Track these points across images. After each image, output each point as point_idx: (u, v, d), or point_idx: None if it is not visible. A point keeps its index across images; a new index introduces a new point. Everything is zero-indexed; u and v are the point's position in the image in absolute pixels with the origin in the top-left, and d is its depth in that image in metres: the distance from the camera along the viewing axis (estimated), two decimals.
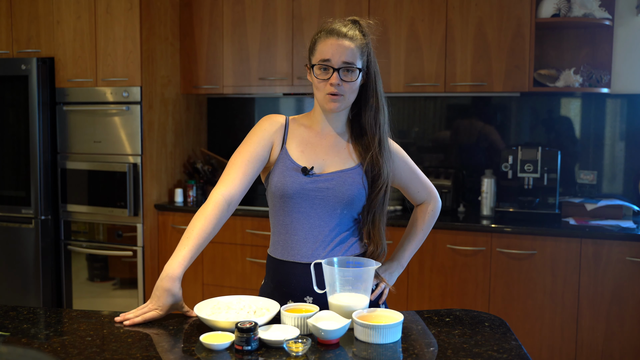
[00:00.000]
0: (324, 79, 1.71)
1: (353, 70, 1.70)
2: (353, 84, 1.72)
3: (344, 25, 1.74)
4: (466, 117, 3.82)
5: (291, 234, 1.75)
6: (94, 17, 3.81)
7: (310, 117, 1.83)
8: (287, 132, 1.79)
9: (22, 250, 3.93)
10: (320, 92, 1.73)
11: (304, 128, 1.81)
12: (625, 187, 3.55)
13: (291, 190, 1.73)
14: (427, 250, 3.32)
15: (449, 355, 1.41)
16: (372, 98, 1.77)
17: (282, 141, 1.78)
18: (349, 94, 1.72)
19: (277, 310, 1.58)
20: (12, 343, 1.50)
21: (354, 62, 1.70)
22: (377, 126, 1.77)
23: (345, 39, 1.70)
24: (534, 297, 3.18)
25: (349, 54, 1.70)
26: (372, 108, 1.77)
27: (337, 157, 1.78)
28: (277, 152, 1.77)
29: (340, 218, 1.76)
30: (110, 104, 3.82)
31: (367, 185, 1.77)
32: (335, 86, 1.69)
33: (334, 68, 1.69)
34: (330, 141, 1.80)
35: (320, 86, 1.72)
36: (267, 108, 4.27)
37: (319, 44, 1.72)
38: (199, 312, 1.56)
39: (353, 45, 1.71)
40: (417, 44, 3.54)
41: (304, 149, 1.78)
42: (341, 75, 1.70)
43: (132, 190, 3.78)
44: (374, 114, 1.77)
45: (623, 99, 3.54)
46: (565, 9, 3.35)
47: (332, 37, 1.71)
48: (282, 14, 3.79)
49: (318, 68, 1.71)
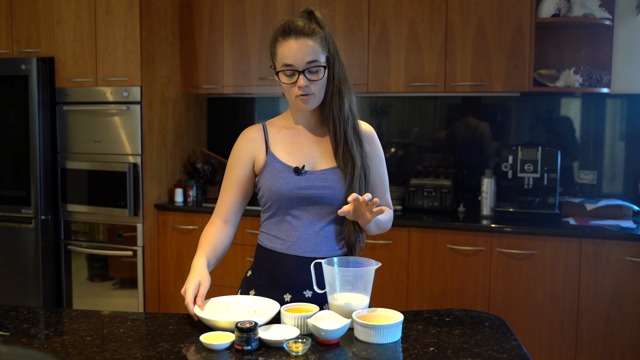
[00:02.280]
0: (291, 83, 1.70)
1: (318, 68, 1.69)
2: (320, 82, 1.71)
3: (301, 19, 1.71)
4: (466, 117, 3.82)
5: (291, 230, 1.76)
6: (94, 17, 3.80)
7: (287, 118, 1.84)
8: (268, 137, 1.80)
9: (22, 250, 3.93)
10: (290, 96, 1.73)
11: (285, 129, 1.82)
12: (625, 187, 3.55)
13: (286, 191, 1.73)
14: (427, 250, 3.32)
15: (449, 355, 1.41)
16: (328, 87, 1.74)
17: (266, 147, 1.78)
18: (318, 92, 1.72)
19: (277, 310, 1.58)
20: (12, 343, 1.50)
21: (317, 59, 1.68)
22: (334, 114, 1.75)
23: (303, 37, 1.68)
24: (534, 297, 3.18)
25: (310, 53, 1.67)
26: (329, 96, 1.75)
27: (325, 153, 1.79)
28: (262, 159, 1.78)
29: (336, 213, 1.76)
30: (110, 104, 3.82)
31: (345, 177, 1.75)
32: (303, 88, 1.69)
33: (299, 71, 1.68)
34: (314, 138, 1.81)
35: (290, 90, 1.72)
36: (267, 108, 4.27)
37: (279, 48, 1.70)
38: (199, 312, 1.56)
39: (313, 42, 1.68)
40: (417, 44, 3.54)
41: (290, 149, 1.78)
42: (307, 76, 1.68)
43: (132, 190, 3.78)
44: (331, 102, 1.75)
45: (623, 99, 3.54)
46: (565, 8, 3.35)
47: (290, 38, 1.68)
48: (282, 14, 3.79)
49: (283, 74, 1.70)
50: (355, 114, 1.79)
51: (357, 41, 3.63)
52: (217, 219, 1.83)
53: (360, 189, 1.74)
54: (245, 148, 1.80)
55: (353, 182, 1.73)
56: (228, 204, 1.83)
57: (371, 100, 3.96)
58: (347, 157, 1.75)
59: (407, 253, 3.36)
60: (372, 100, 3.96)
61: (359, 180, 1.74)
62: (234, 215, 1.84)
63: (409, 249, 3.35)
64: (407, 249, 3.36)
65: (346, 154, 1.75)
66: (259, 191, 1.81)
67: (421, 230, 3.33)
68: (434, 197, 3.58)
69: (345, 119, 1.75)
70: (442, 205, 3.58)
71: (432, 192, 3.59)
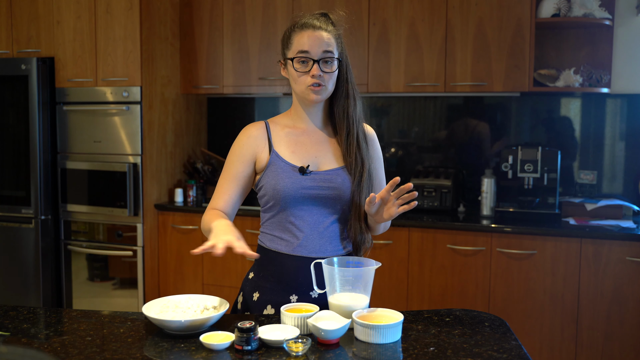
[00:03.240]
0: (304, 72, 1.71)
1: (332, 60, 1.71)
2: (333, 74, 1.73)
3: (316, 18, 1.74)
4: (466, 117, 3.82)
5: (295, 231, 1.76)
6: (93, 17, 3.80)
7: (290, 116, 1.84)
8: (271, 135, 1.79)
9: (22, 250, 3.93)
10: (301, 85, 1.73)
11: (288, 128, 1.81)
12: (625, 187, 3.55)
13: (291, 191, 1.72)
14: (427, 250, 3.32)
15: (449, 355, 1.41)
16: (342, 88, 1.77)
17: (269, 145, 1.78)
18: (329, 84, 1.73)
19: (226, 309, 1.58)
20: (12, 343, 1.50)
21: (332, 51, 1.72)
22: (350, 115, 1.77)
23: (320, 30, 1.72)
24: (534, 297, 3.18)
25: (327, 43, 1.71)
26: (343, 97, 1.77)
27: (329, 154, 1.79)
28: (265, 157, 1.77)
29: (340, 213, 1.78)
30: (110, 104, 3.82)
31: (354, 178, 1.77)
32: (316, 77, 1.70)
33: (314, 59, 1.70)
34: (318, 137, 1.81)
35: (301, 79, 1.73)
36: (267, 108, 4.27)
37: (294, 37, 1.73)
38: (148, 311, 1.56)
39: (329, 35, 1.72)
40: (417, 44, 3.54)
41: (294, 148, 1.78)
42: (321, 66, 1.70)
43: (132, 190, 3.78)
44: (346, 104, 1.77)
45: (623, 99, 3.54)
46: (565, 8, 3.35)
47: (307, 29, 1.71)
48: (282, 14, 3.79)
49: (297, 61, 1.72)
50: (362, 118, 1.83)
51: (357, 41, 3.63)
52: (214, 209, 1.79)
53: (368, 190, 1.77)
54: (248, 145, 1.79)
55: (361, 183, 1.75)
56: (226, 198, 1.79)
57: (371, 100, 3.96)
58: (358, 158, 1.76)
59: (407, 253, 3.36)
60: (372, 100, 3.96)
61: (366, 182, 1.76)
62: (231, 211, 1.80)
63: (409, 249, 3.35)
64: (407, 249, 3.36)
65: (357, 155, 1.77)
66: (259, 190, 1.79)
67: (421, 230, 3.33)
68: (434, 197, 3.58)
69: (358, 121, 1.79)
70: (442, 205, 3.58)
71: (432, 192, 3.59)
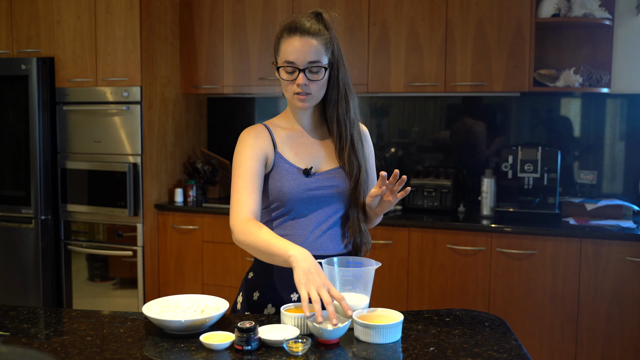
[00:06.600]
0: (291, 80, 1.70)
1: (319, 69, 1.69)
2: (320, 82, 1.71)
3: (307, 19, 1.71)
4: (466, 117, 3.82)
5: (298, 230, 1.76)
6: (94, 17, 3.80)
7: (286, 118, 1.83)
8: (274, 137, 1.79)
9: (22, 250, 3.93)
10: (288, 93, 1.73)
11: (287, 130, 1.81)
12: (625, 187, 3.55)
13: (297, 193, 1.73)
14: (427, 250, 3.32)
15: (449, 355, 1.41)
16: (333, 90, 1.75)
17: (273, 147, 1.77)
18: (316, 92, 1.72)
19: (226, 309, 1.58)
20: (12, 343, 1.50)
21: (319, 60, 1.69)
22: (340, 119, 1.76)
23: (308, 36, 1.68)
24: (534, 297, 3.18)
25: (313, 52, 1.68)
26: (334, 100, 1.76)
27: (327, 154, 1.81)
28: (271, 159, 1.76)
29: (341, 212, 1.80)
30: (110, 104, 3.82)
31: (350, 179, 1.78)
32: (302, 86, 1.69)
33: (300, 69, 1.68)
34: (315, 139, 1.82)
35: (288, 87, 1.72)
36: (267, 108, 4.27)
37: (282, 44, 1.70)
38: (147, 311, 1.56)
39: (317, 42, 1.68)
40: (417, 44, 3.54)
41: (297, 150, 1.78)
42: (307, 75, 1.69)
43: (132, 190, 3.78)
44: (337, 107, 1.76)
45: (623, 99, 3.54)
46: (565, 9, 3.35)
47: (295, 35, 1.68)
48: (282, 14, 3.79)
49: (283, 70, 1.70)
50: (358, 118, 1.82)
51: (357, 41, 3.63)
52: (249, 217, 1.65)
53: (365, 189, 1.78)
54: (257, 144, 1.75)
55: (359, 185, 1.77)
56: (255, 198, 1.68)
57: (371, 100, 3.95)
58: (353, 159, 1.77)
59: (407, 253, 3.36)
60: (372, 100, 3.96)
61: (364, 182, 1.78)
62: (259, 215, 1.69)
63: (409, 249, 3.35)
64: (407, 249, 3.36)
65: (352, 156, 1.77)
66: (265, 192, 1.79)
67: (421, 230, 3.33)
68: (434, 197, 3.58)
69: (351, 123, 1.78)
70: (442, 205, 3.58)
71: (432, 192, 3.59)
